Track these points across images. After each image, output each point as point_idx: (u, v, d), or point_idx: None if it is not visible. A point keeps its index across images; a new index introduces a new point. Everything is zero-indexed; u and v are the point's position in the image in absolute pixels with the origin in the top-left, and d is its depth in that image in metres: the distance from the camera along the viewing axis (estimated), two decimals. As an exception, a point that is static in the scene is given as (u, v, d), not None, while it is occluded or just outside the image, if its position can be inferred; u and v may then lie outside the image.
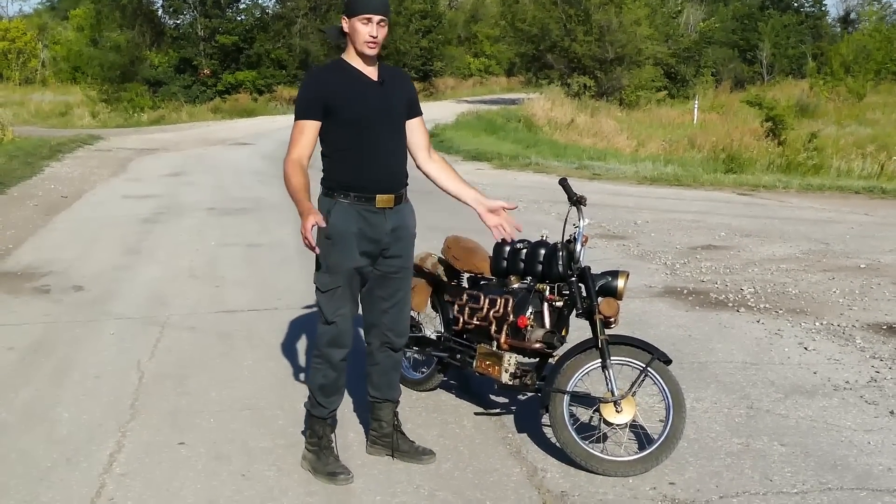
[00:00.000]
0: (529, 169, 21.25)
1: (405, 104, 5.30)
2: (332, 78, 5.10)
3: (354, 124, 5.04)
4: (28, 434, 5.87)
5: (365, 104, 5.05)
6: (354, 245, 5.07)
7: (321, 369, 5.26)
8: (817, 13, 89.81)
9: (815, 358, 7.43)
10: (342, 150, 5.08)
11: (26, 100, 49.51)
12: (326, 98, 5.01)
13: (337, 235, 5.04)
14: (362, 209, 5.07)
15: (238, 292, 9.52)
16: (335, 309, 5.14)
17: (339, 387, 5.32)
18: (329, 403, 5.31)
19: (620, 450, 5.42)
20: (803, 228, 13.07)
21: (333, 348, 5.19)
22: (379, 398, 5.56)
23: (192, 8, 50.59)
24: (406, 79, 5.47)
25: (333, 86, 5.05)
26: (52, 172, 20.57)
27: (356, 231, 5.06)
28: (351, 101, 5.02)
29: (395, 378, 5.59)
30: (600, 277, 5.54)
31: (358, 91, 5.05)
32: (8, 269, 10.66)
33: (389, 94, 5.16)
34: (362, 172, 5.06)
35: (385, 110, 5.13)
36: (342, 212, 5.05)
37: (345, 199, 5.06)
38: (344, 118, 5.02)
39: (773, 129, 30.54)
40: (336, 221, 5.03)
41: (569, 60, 47.36)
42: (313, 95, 5.05)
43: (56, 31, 72.75)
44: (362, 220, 5.07)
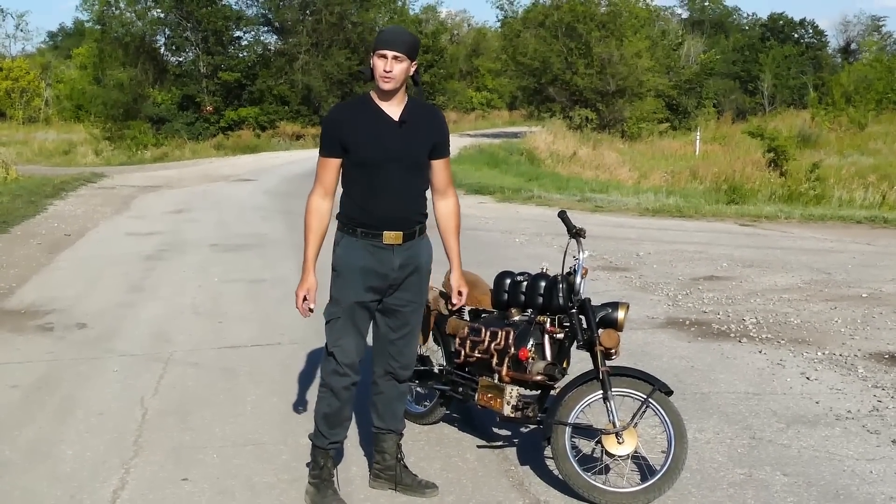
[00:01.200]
0: (532, 202, 21.28)
1: (427, 146, 5.28)
2: (350, 116, 5.15)
3: (366, 165, 5.07)
4: (32, 472, 5.88)
5: (378, 146, 5.06)
6: (359, 280, 5.12)
7: (325, 398, 5.30)
8: (818, 44, 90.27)
9: (817, 388, 7.43)
10: (355, 187, 5.13)
11: (30, 139, 49.76)
12: (342, 137, 5.07)
13: (342, 268, 5.13)
14: (369, 244, 5.12)
15: (241, 328, 9.53)
16: (335, 339, 5.19)
17: (342, 418, 5.34)
18: (331, 434, 5.32)
19: (623, 481, 5.43)
20: (805, 258, 13.08)
21: (334, 377, 5.23)
22: (383, 429, 5.58)
23: (195, 45, 50.87)
24: (436, 119, 5.41)
25: (349, 124, 5.09)
26: (55, 211, 20.60)
27: (361, 266, 5.11)
28: (364, 142, 5.06)
29: (399, 409, 5.61)
30: (600, 309, 5.56)
31: (373, 132, 5.07)
32: (12, 308, 10.68)
33: (410, 135, 5.15)
34: (370, 210, 5.10)
35: (401, 152, 5.13)
36: (350, 246, 5.13)
37: (353, 234, 5.13)
38: (357, 158, 5.07)
39: (775, 159, 30.63)
40: (342, 254, 5.13)
41: (570, 93, 47.58)
42: (331, 133, 5.13)
43: (59, 70, 73.11)
44: (369, 255, 5.11)
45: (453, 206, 5.55)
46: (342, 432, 5.40)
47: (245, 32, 54.16)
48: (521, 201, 21.52)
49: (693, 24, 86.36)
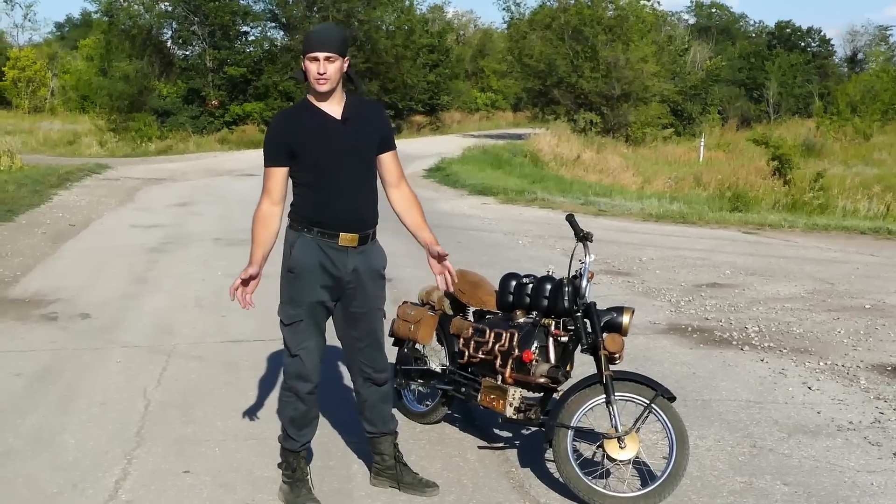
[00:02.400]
0: (535, 204, 21.28)
1: (374, 140, 5.27)
2: (294, 121, 5.13)
3: (319, 167, 5.06)
4: (34, 460, 5.91)
5: (327, 146, 5.05)
6: (317, 279, 5.12)
7: (291, 402, 5.30)
8: (824, 53, 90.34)
9: (819, 398, 7.44)
10: (309, 188, 5.11)
11: (35, 128, 49.70)
12: (289, 144, 5.04)
13: (299, 269, 5.11)
14: (324, 244, 5.11)
15: (244, 322, 9.54)
16: (299, 342, 5.19)
17: (309, 419, 5.35)
18: (300, 437, 5.34)
19: (623, 486, 5.44)
20: (808, 268, 13.08)
21: (300, 381, 5.23)
22: (375, 432, 5.59)
23: (201, 39, 50.83)
24: (377, 113, 5.39)
25: (296, 130, 5.07)
26: (60, 201, 20.64)
27: (318, 265, 5.10)
28: (313, 145, 5.04)
29: (386, 411, 5.60)
30: (605, 313, 5.57)
31: (320, 133, 5.06)
32: (16, 297, 10.71)
33: (355, 131, 5.15)
34: (326, 210, 5.09)
35: (349, 150, 5.13)
36: (305, 245, 5.12)
37: (308, 233, 5.12)
38: (307, 162, 5.05)
39: (780, 168, 30.60)
40: (299, 255, 5.11)
41: (575, 96, 47.54)
42: (277, 141, 5.08)
43: (65, 61, 73.00)
44: (324, 254, 5.11)
45: (410, 193, 5.48)
46: (311, 433, 5.40)
47: (252, 28, 54.14)
48: (525, 203, 21.52)
49: (700, 31, 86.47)
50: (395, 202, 5.45)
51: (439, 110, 65.95)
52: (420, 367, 6.59)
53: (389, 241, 12.83)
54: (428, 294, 6.58)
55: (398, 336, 6.57)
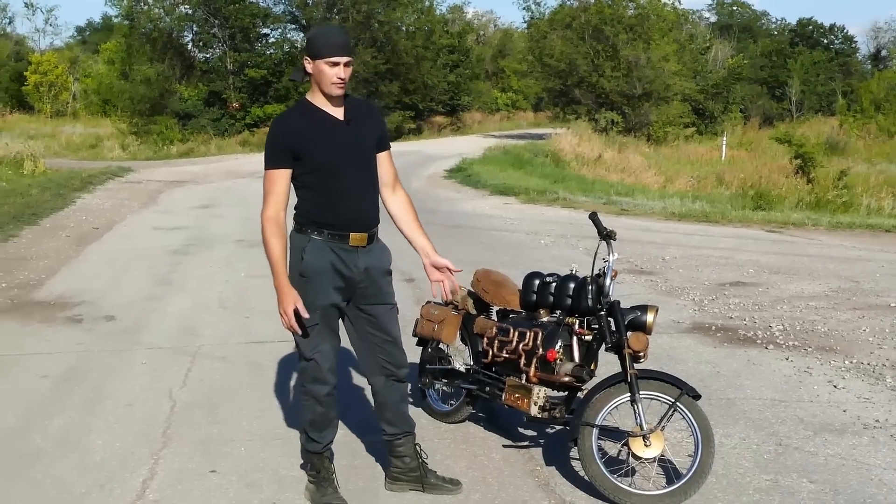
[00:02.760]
0: (557, 204, 21.26)
1: (374, 140, 5.30)
2: (297, 123, 5.09)
3: (324, 168, 5.04)
4: (62, 460, 5.95)
5: (333, 147, 5.05)
6: (329, 281, 5.10)
7: (309, 405, 5.29)
8: (847, 50, 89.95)
9: (845, 396, 7.41)
10: (315, 190, 5.09)
11: (57, 132, 49.88)
12: (294, 145, 5.00)
13: (312, 273, 5.07)
14: (335, 246, 5.09)
15: (267, 323, 9.57)
16: (314, 346, 5.15)
17: (329, 420, 5.33)
18: (322, 438, 5.33)
19: (649, 484, 5.44)
20: (833, 266, 13.03)
21: (317, 384, 5.21)
22: (397, 433, 5.56)
23: (222, 42, 50.94)
24: (374, 113, 5.42)
25: (300, 131, 5.04)
26: (83, 204, 20.74)
27: (329, 267, 5.08)
28: (319, 146, 5.02)
29: (405, 409, 5.59)
30: (629, 312, 5.57)
31: (325, 134, 5.05)
32: (41, 299, 10.77)
33: (357, 132, 5.17)
34: (335, 211, 5.08)
35: (354, 151, 5.14)
36: (316, 249, 5.08)
37: (318, 236, 5.09)
38: (313, 163, 5.02)
39: (803, 166, 30.48)
40: (310, 258, 5.07)
41: (596, 96, 47.47)
42: (281, 143, 5.04)
43: (87, 65, 73.30)
44: (335, 256, 5.09)
45: (405, 196, 5.52)
46: (332, 433, 5.39)
47: (272, 30, 54.22)
48: (546, 203, 21.50)
49: (721, 29, 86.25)
50: (390, 204, 5.48)
51: (460, 111, 65.96)
52: (444, 366, 6.59)
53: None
54: (452, 293, 6.60)
55: (422, 336, 6.58)
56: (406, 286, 10.88)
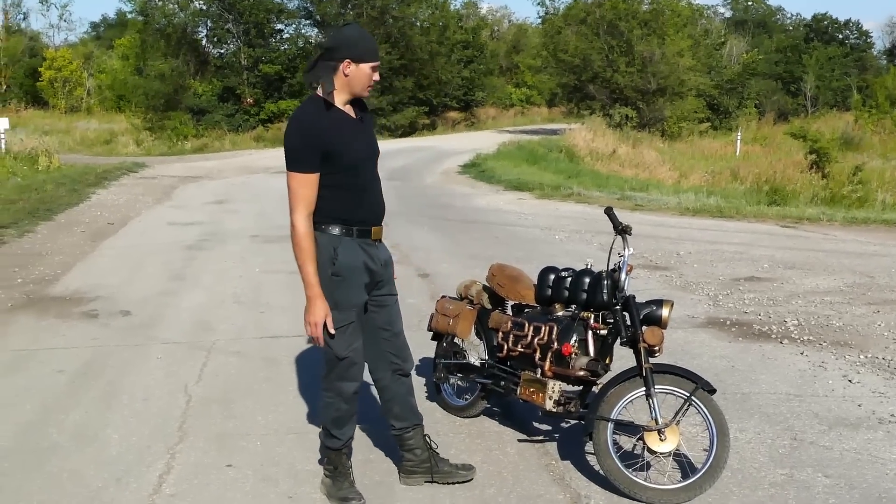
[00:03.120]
0: (571, 199, 21.25)
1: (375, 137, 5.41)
2: (323, 124, 4.99)
3: (350, 167, 5.04)
4: (79, 455, 5.98)
5: (357, 146, 5.08)
6: (362, 279, 5.13)
7: (333, 403, 5.29)
8: (862, 45, 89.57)
9: (860, 391, 7.40)
10: (343, 190, 5.05)
11: (72, 128, 50.06)
12: (323, 146, 4.94)
13: (346, 272, 5.07)
14: (363, 243, 5.12)
15: (282, 318, 9.60)
16: (349, 344, 5.16)
17: (351, 416, 5.35)
18: (342, 434, 5.34)
19: (664, 478, 5.44)
20: (847, 261, 13.00)
21: (346, 382, 5.22)
22: (407, 426, 5.57)
23: (236, 37, 51.09)
24: (367, 108, 5.42)
25: (326, 132, 4.97)
26: (98, 199, 20.81)
27: (362, 265, 5.11)
28: (346, 147, 5.02)
29: (413, 402, 5.60)
30: (644, 306, 5.57)
31: (349, 134, 5.06)
32: (57, 294, 10.81)
33: (368, 129, 5.25)
34: (362, 208, 5.11)
35: (370, 147, 5.22)
36: (349, 248, 5.08)
37: (347, 234, 5.08)
38: (341, 162, 5.00)
39: (817, 161, 30.38)
40: (344, 258, 5.06)
41: (611, 91, 47.38)
42: (309, 146, 4.95)
43: (101, 60, 73.47)
44: (365, 253, 5.12)
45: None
46: (352, 429, 5.40)
47: (286, 25, 54.34)
48: (561, 198, 21.49)
49: (736, 24, 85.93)
50: None
51: (474, 106, 65.92)
52: (459, 361, 6.61)
53: (427, 237, 12.87)
54: (466, 288, 6.61)
55: (437, 330, 6.60)
56: (421, 281, 10.90)
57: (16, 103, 65.36)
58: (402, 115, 52.88)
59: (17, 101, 66.76)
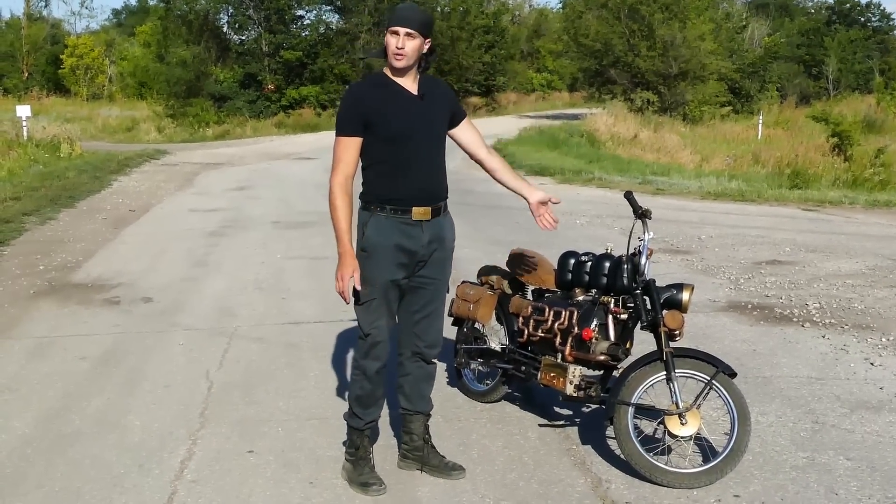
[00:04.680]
0: (592, 184, 21.21)
1: (446, 118, 5.37)
2: (371, 93, 5.13)
3: (394, 140, 5.07)
4: (101, 441, 6.01)
5: (405, 119, 5.09)
6: (391, 258, 5.12)
7: (358, 381, 5.32)
8: (885, 28, 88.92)
9: (882, 373, 7.38)
10: (381, 164, 5.12)
11: (94, 115, 50.12)
12: (367, 114, 5.04)
13: (372, 248, 5.10)
14: (399, 222, 5.11)
15: (304, 304, 9.63)
16: (371, 321, 5.19)
17: (376, 398, 5.36)
18: (365, 415, 5.36)
19: (685, 462, 5.44)
20: (870, 244, 12.95)
21: (369, 360, 5.25)
22: (410, 410, 5.58)
23: (257, 24, 51.04)
24: (447, 90, 5.47)
25: (373, 101, 5.08)
26: (119, 186, 20.87)
27: (393, 244, 5.10)
28: (390, 117, 5.06)
29: (426, 390, 5.60)
30: (665, 290, 5.56)
31: (398, 106, 5.09)
32: (79, 281, 10.85)
33: (430, 108, 5.22)
34: (399, 185, 5.11)
35: (425, 125, 5.19)
36: (379, 225, 5.11)
37: (381, 212, 5.11)
38: (384, 134, 5.06)
39: (839, 144, 30.24)
40: (372, 234, 5.11)
41: (632, 75, 47.19)
42: (354, 111, 5.09)
43: (123, 48, 73.58)
44: (399, 232, 5.12)
45: (495, 154, 5.69)
46: (376, 411, 5.42)
47: (307, 11, 54.22)
48: (582, 183, 21.46)
49: (758, 7, 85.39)
50: (487, 162, 5.63)
51: (495, 91, 65.70)
52: (480, 346, 6.60)
53: (447, 222, 12.69)
54: (487, 274, 6.61)
55: (458, 316, 6.59)
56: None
57: (38, 91, 65.47)
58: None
59: (39, 88, 66.88)
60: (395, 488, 5.30)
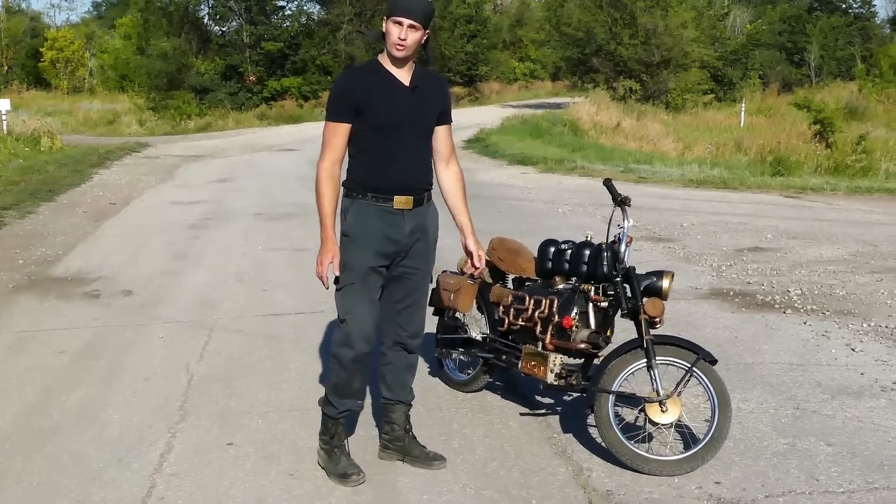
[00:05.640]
0: (575, 173, 21.21)
1: (436, 111, 5.29)
2: (364, 80, 5.10)
3: (382, 129, 5.04)
4: (80, 435, 5.96)
5: (394, 110, 5.04)
6: (372, 245, 5.08)
7: (334, 369, 5.29)
8: (866, 14, 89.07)
9: (863, 359, 7.38)
10: (367, 153, 5.09)
11: (74, 108, 49.95)
12: (357, 101, 5.01)
13: (354, 234, 5.08)
14: (380, 209, 5.08)
15: (285, 296, 9.60)
16: (348, 307, 5.15)
17: (352, 389, 5.31)
18: (339, 404, 5.31)
19: (666, 449, 5.44)
20: (851, 230, 12.98)
21: (343, 348, 5.20)
22: (391, 399, 5.55)
23: (238, 15, 50.94)
24: (442, 86, 5.43)
25: (364, 88, 5.05)
26: (100, 180, 20.80)
27: (373, 231, 5.07)
28: (380, 106, 5.02)
29: (408, 380, 5.57)
30: (645, 277, 5.55)
31: (388, 96, 5.05)
32: (58, 275, 10.80)
33: (421, 100, 5.16)
34: (382, 174, 5.07)
35: (414, 117, 5.13)
36: (360, 211, 5.09)
37: (363, 198, 5.09)
38: (372, 123, 5.02)
39: (822, 131, 30.31)
40: (353, 220, 5.09)
41: (614, 64, 47.18)
42: (344, 97, 5.06)
43: (103, 40, 73.31)
44: (381, 220, 5.08)
45: (458, 172, 5.52)
46: (350, 402, 5.36)
47: (288, 2, 54.33)
48: (564, 172, 21.46)
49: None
50: (443, 178, 5.47)
51: (478, 81, 65.67)
52: (460, 335, 6.59)
53: (428, 212, 12.66)
54: (467, 263, 6.59)
55: (438, 305, 6.57)
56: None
57: (18, 84, 65.22)
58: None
59: (18, 82, 66.65)
60: (375, 479, 5.27)
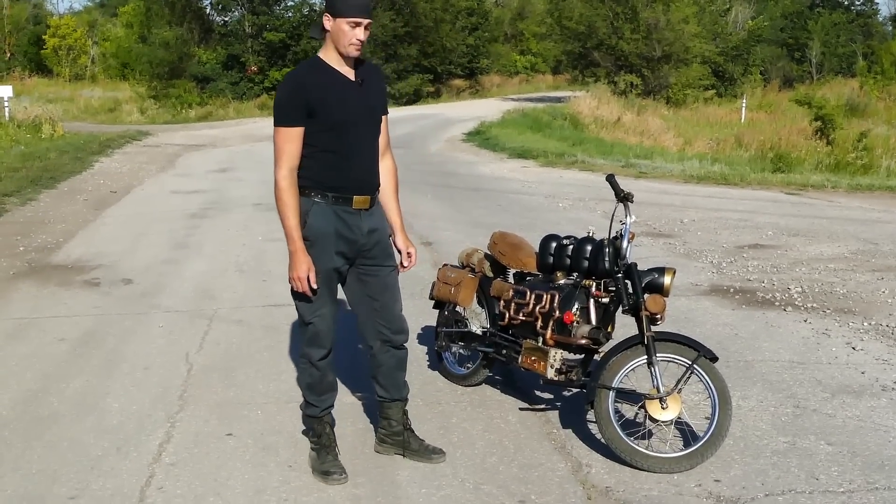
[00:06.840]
0: (575, 167, 21.19)
1: (381, 104, 5.27)
2: (312, 80, 4.99)
3: (336, 127, 4.98)
4: (79, 423, 5.97)
5: (346, 107, 4.99)
6: (332, 246, 5.05)
7: (306, 369, 5.28)
8: (868, 11, 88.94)
9: (863, 358, 7.38)
10: (323, 152, 5.00)
11: (76, 96, 49.91)
12: (308, 101, 4.91)
13: (315, 236, 5.02)
14: (340, 210, 5.04)
15: (284, 286, 9.44)
16: (314, 310, 5.13)
17: (327, 384, 5.32)
18: (320, 402, 5.32)
19: (665, 446, 5.43)
20: (852, 228, 12.96)
21: (313, 348, 5.20)
22: (387, 398, 5.53)
23: (240, 5, 50.88)
24: (380, 75, 5.37)
25: (314, 88, 4.95)
26: (101, 168, 20.78)
27: (334, 232, 5.04)
28: (333, 105, 4.96)
29: (400, 378, 5.53)
30: (646, 274, 5.54)
31: (339, 93, 4.99)
32: (59, 263, 10.79)
33: (369, 94, 5.12)
34: (342, 173, 5.02)
35: (366, 112, 5.10)
36: (320, 213, 5.02)
37: (322, 199, 5.02)
38: (326, 122, 4.95)
39: (822, 128, 30.31)
40: (313, 222, 5.01)
41: (615, 58, 47.16)
42: (296, 100, 4.94)
43: (105, 28, 73.23)
44: (340, 220, 5.04)
45: (392, 166, 5.46)
46: (330, 397, 5.37)
47: (290, -8, 54.08)
48: (565, 166, 21.43)
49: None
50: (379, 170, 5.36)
51: (479, 74, 65.63)
52: (460, 329, 6.58)
53: (431, 206, 12.85)
54: (468, 256, 6.58)
55: (439, 299, 6.58)
56: (423, 249, 10.87)
57: (20, 71, 65.08)
58: (406, 83, 52.73)
59: (21, 69, 66.50)
60: (374, 472, 5.28)
